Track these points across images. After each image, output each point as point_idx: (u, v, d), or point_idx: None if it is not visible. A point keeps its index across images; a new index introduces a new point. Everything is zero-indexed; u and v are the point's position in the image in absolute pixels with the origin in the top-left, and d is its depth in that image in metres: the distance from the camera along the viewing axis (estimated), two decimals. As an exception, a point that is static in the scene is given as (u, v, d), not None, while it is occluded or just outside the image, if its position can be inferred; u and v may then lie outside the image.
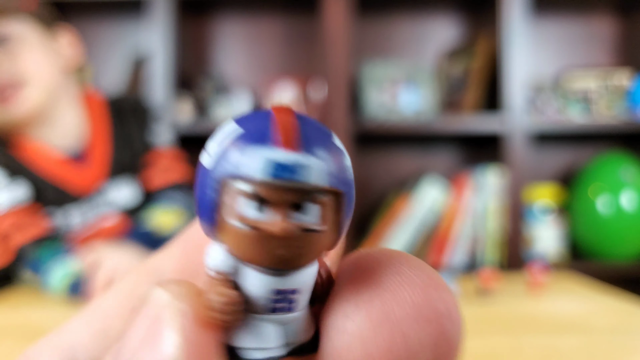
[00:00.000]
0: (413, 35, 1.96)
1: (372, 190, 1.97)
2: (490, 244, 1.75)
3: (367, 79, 1.80)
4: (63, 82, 0.88)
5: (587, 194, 1.73)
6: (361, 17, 1.95)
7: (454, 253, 1.70)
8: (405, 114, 1.77)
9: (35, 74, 0.82)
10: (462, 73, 1.82)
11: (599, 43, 1.95)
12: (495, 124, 1.70)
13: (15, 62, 0.80)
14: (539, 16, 1.95)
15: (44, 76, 0.83)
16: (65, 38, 0.93)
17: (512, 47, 1.70)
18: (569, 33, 1.95)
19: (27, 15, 0.84)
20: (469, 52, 1.82)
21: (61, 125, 0.89)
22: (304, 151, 0.16)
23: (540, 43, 1.96)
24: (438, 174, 1.96)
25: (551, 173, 1.97)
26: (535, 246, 1.78)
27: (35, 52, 0.84)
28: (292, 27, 1.96)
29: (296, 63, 1.96)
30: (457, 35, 1.96)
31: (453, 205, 1.70)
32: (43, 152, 0.89)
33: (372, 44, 1.96)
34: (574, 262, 1.75)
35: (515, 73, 1.70)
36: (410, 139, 1.96)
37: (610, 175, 1.71)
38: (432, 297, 0.17)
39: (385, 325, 0.16)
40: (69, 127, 0.90)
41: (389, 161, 1.97)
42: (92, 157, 0.91)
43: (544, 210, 1.78)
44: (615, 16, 1.95)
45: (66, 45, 0.92)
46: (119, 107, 0.97)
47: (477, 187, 1.73)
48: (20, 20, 0.82)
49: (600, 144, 1.95)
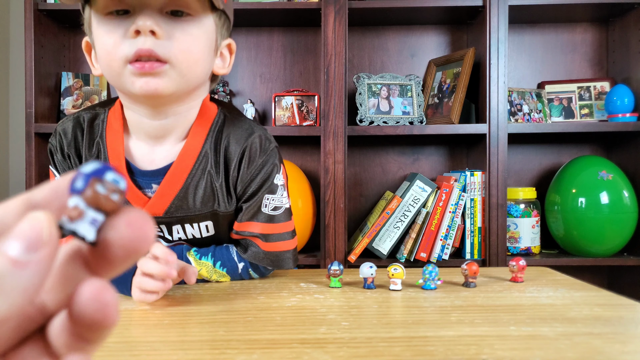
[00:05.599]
0: (405, 46, 1.95)
1: (367, 189, 1.95)
2: (475, 239, 1.73)
3: (363, 88, 1.78)
4: (202, 85, 0.79)
5: (567, 193, 1.71)
6: (357, 31, 1.93)
7: (440, 247, 1.68)
8: (397, 119, 1.75)
9: (185, 63, 0.71)
10: (450, 81, 1.80)
11: (579, 53, 1.94)
12: (479, 127, 1.69)
13: (179, 41, 0.70)
14: (523, 27, 1.93)
15: (192, 69, 0.73)
16: (227, 48, 0.83)
17: (495, 56, 1.69)
18: (551, 43, 1.94)
19: (216, 7, 0.75)
20: (456, 62, 1.81)
21: (169, 124, 0.78)
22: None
23: (523, 52, 1.94)
24: (426, 174, 1.95)
25: (533, 173, 1.95)
26: (517, 241, 1.76)
27: (201, 44, 0.74)
28: (293, 41, 1.94)
29: (297, 74, 1.95)
30: (446, 46, 1.94)
31: (439, 203, 1.68)
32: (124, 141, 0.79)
33: (368, 56, 1.95)
34: (554, 257, 1.73)
35: (500, 79, 1.69)
36: (401, 142, 1.94)
37: (589, 175, 1.69)
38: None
39: None
40: (176, 130, 0.79)
41: (381, 162, 1.96)
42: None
43: (526, 208, 1.76)
44: (595, 27, 1.93)
45: (224, 54, 0.82)
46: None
47: (462, 187, 1.72)
48: (207, 7, 0.74)
49: (579, 146, 1.94)
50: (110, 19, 0.71)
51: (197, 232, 0.84)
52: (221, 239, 0.87)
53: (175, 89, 0.73)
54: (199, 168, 0.80)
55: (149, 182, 0.80)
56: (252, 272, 0.85)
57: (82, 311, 0.20)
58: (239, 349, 0.51)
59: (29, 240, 0.19)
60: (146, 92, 0.71)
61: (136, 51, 0.68)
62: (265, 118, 1.93)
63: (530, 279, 0.85)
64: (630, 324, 0.60)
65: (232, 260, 0.84)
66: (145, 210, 0.80)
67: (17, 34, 2.04)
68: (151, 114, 0.77)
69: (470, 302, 0.70)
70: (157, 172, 0.79)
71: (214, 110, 0.84)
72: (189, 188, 0.80)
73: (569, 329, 0.58)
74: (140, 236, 0.21)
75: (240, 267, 0.84)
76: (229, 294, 0.75)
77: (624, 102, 1.72)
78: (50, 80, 1.83)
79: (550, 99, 1.89)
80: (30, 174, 1.72)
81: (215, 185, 0.81)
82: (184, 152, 0.79)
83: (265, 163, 0.82)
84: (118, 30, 0.70)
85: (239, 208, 0.83)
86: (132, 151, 0.81)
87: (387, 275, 0.78)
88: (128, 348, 0.52)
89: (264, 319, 0.62)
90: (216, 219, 0.83)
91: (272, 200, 0.83)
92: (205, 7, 0.74)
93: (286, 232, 0.85)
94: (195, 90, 0.78)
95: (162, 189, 0.79)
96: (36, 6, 1.73)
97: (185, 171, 0.79)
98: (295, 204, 1.67)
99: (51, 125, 1.73)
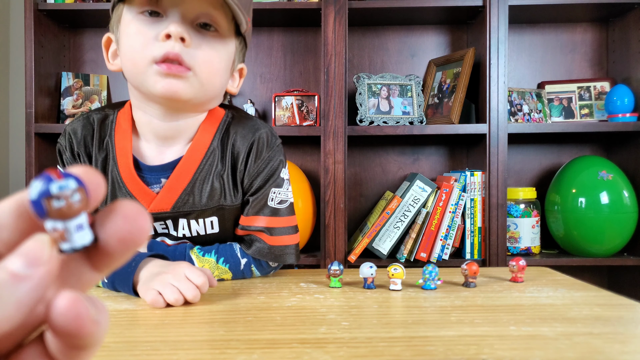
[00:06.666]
0: (405, 46, 1.95)
1: (367, 189, 1.95)
2: (475, 239, 1.73)
3: (363, 88, 1.78)
4: (216, 97, 0.82)
5: (567, 193, 1.71)
6: (357, 31, 1.93)
7: (440, 247, 1.68)
8: (397, 119, 1.75)
9: (206, 73, 0.75)
10: (450, 81, 1.80)
11: (579, 52, 1.94)
12: (479, 127, 1.69)
13: (205, 53, 0.74)
14: (523, 27, 1.94)
15: (211, 81, 0.77)
16: (239, 71, 0.88)
17: (495, 56, 1.69)
18: (551, 43, 1.94)
19: (240, 32, 0.81)
20: (456, 62, 1.81)
21: (178, 127, 0.82)
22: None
23: (524, 52, 1.94)
24: (426, 174, 1.95)
25: (533, 173, 1.95)
26: (517, 241, 1.76)
27: (222, 60, 0.78)
28: (293, 41, 1.94)
29: (297, 74, 1.95)
30: (446, 46, 1.94)
31: (439, 203, 1.68)
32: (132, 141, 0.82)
33: (368, 56, 1.95)
34: (554, 257, 1.73)
35: (500, 79, 1.69)
36: (401, 142, 1.95)
37: (589, 175, 1.69)
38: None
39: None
40: (184, 133, 0.83)
41: (381, 162, 1.96)
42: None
43: (526, 208, 1.76)
44: (595, 27, 1.93)
45: (235, 76, 0.87)
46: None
47: (462, 187, 1.72)
48: (233, 30, 0.79)
49: (579, 146, 1.94)
50: (143, 19, 0.75)
51: (202, 229, 0.85)
52: (224, 238, 0.88)
53: (193, 95, 0.77)
54: (206, 163, 0.83)
55: (157, 177, 0.83)
56: (254, 268, 0.86)
57: (57, 323, 0.21)
58: (239, 348, 0.51)
59: (29, 258, 0.20)
60: (167, 93, 0.74)
61: (165, 53, 0.72)
62: (265, 118, 1.93)
63: (530, 279, 0.85)
64: (630, 324, 0.60)
65: (235, 257, 0.84)
66: (153, 206, 0.80)
67: (17, 34, 2.04)
68: (162, 115, 0.80)
69: (470, 302, 0.70)
70: (165, 166, 0.82)
71: (221, 111, 0.88)
72: (197, 182, 0.82)
73: (568, 329, 0.58)
74: (136, 228, 0.22)
75: (243, 263, 0.85)
76: (229, 294, 0.76)
77: (624, 102, 1.72)
78: (50, 80, 1.83)
79: (550, 99, 1.89)
80: (30, 174, 1.72)
81: (222, 179, 0.83)
82: (192, 148, 0.82)
83: (272, 158, 0.85)
84: (149, 31, 0.74)
85: (245, 202, 0.85)
86: (141, 150, 0.83)
87: (387, 275, 0.78)
88: (128, 348, 0.52)
89: (264, 318, 0.62)
90: (222, 214, 0.85)
91: (279, 193, 0.86)
92: (231, 29, 0.80)
93: (290, 227, 0.87)
94: (209, 101, 0.82)
95: (170, 183, 0.81)
96: (36, 6, 1.73)
97: (194, 166, 0.82)
98: (296, 204, 1.68)
99: (51, 125, 1.73)
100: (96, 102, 1.88)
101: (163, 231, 0.85)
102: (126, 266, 0.75)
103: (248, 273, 0.86)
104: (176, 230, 0.85)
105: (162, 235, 0.87)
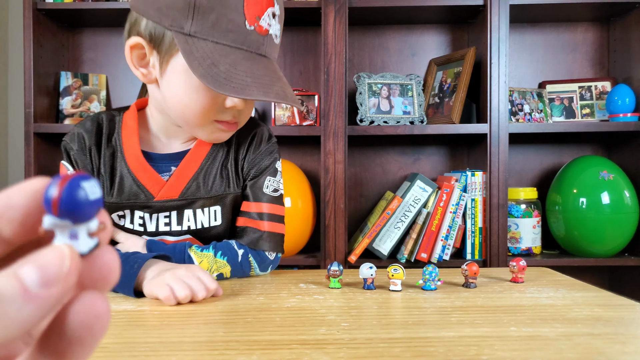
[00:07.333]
0: (405, 46, 1.95)
1: (368, 189, 1.95)
2: (475, 239, 1.73)
3: (363, 88, 1.78)
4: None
5: (568, 193, 1.71)
6: (358, 30, 1.93)
7: (441, 248, 1.68)
8: (397, 119, 1.75)
9: (244, 123, 0.89)
10: (451, 80, 1.80)
11: (580, 52, 1.94)
12: (480, 127, 1.69)
13: (248, 111, 0.87)
14: (524, 27, 1.93)
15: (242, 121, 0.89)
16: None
17: (496, 55, 1.69)
18: (552, 43, 1.94)
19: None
20: (457, 61, 1.81)
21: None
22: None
23: (524, 52, 1.94)
24: (427, 174, 1.95)
25: (534, 173, 1.95)
26: (517, 242, 1.76)
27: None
28: (293, 40, 1.94)
29: (297, 74, 1.95)
30: (446, 45, 1.94)
31: (440, 203, 1.68)
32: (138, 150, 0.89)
33: (368, 55, 1.95)
34: (555, 257, 1.73)
35: (501, 79, 1.69)
36: (402, 142, 1.94)
37: (590, 175, 1.69)
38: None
39: None
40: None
41: (382, 162, 1.96)
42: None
43: (526, 208, 1.76)
44: (597, 27, 1.93)
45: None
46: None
47: (463, 187, 1.72)
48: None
49: (580, 146, 1.94)
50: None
51: (206, 220, 0.90)
52: (224, 234, 0.91)
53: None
54: (213, 152, 0.91)
55: (168, 165, 0.89)
56: (251, 258, 0.88)
57: (76, 323, 0.20)
58: (238, 349, 0.51)
59: (47, 274, 0.19)
60: (215, 141, 0.89)
61: (230, 120, 0.85)
62: (265, 118, 1.93)
63: (530, 280, 0.85)
64: (631, 324, 0.60)
65: (232, 249, 0.87)
66: (162, 193, 0.87)
67: (16, 34, 2.04)
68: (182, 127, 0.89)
69: (471, 303, 0.70)
70: (175, 155, 0.90)
71: None
72: (204, 170, 0.90)
73: (569, 330, 0.58)
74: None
75: (240, 254, 0.87)
76: (228, 295, 0.76)
77: (625, 102, 1.72)
78: (49, 79, 1.83)
79: (552, 99, 1.89)
80: (30, 174, 1.72)
81: (227, 169, 0.92)
82: (201, 140, 0.90)
83: (271, 151, 0.95)
84: (217, 96, 0.81)
85: (244, 188, 0.92)
86: (151, 142, 0.91)
87: (387, 275, 0.78)
88: (127, 349, 0.52)
89: (263, 319, 0.62)
90: (224, 203, 0.90)
91: (273, 182, 0.93)
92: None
93: (282, 216, 0.93)
94: None
95: (179, 170, 0.88)
96: (35, 5, 1.73)
97: (202, 154, 0.90)
98: (295, 204, 1.67)
99: (50, 125, 1.73)
100: (95, 101, 1.88)
101: (165, 228, 0.88)
102: (128, 267, 0.75)
103: (246, 265, 0.87)
104: (181, 223, 0.88)
105: (162, 235, 0.88)
